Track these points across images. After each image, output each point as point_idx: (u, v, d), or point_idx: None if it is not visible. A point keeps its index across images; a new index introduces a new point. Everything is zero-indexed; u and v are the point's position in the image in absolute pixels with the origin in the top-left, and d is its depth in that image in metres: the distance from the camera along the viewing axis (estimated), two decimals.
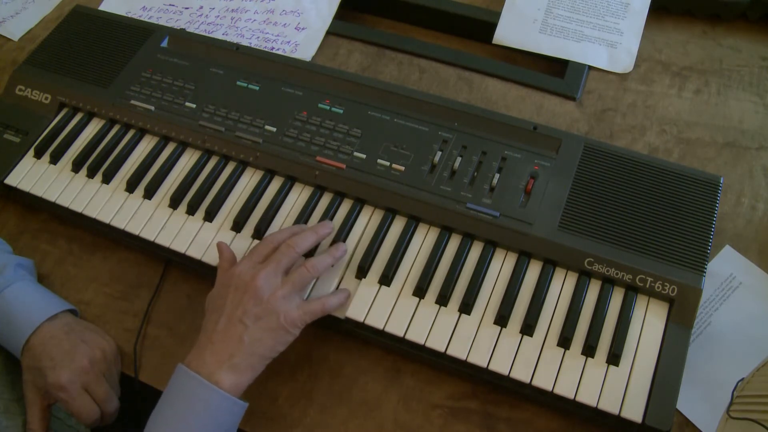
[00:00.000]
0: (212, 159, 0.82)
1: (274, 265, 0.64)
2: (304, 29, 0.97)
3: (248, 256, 0.67)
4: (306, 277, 0.66)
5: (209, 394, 0.59)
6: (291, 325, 0.63)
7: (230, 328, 0.62)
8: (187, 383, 0.60)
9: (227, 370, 0.60)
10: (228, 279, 0.65)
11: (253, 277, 0.63)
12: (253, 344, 0.61)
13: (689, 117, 0.83)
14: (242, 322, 0.61)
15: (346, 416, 0.68)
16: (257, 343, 0.61)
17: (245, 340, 0.61)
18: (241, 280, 0.63)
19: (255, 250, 0.67)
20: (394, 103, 0.80)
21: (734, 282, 0.71)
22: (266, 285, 0.63)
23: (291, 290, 0.64)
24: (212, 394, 0.59)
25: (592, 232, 0.69)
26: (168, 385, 0.62)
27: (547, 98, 0.86)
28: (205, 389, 0.59)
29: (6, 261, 0.75)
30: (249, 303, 0.62)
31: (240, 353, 0.61)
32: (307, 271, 0.66)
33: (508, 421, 0.66)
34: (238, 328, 0.61)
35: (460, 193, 0.72)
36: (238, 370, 0.61)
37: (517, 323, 0.67)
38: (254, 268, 0.64)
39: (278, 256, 0.65)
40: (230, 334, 0.61)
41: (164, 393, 0.62)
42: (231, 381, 0.60)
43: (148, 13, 1.04)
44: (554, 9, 0.92)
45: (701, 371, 0.66)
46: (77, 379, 0.68)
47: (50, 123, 0.88)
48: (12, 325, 0.70)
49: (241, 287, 0.63)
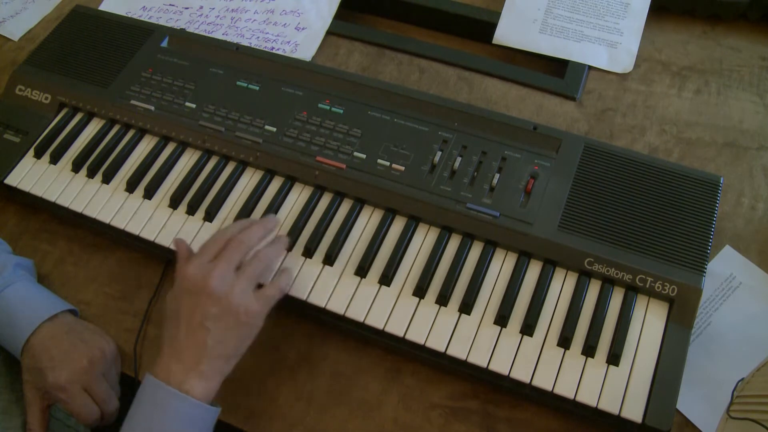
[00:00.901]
0: (212, 159, 0.82)
1: (226, 262, 0.62)
2: (304, 29, 0.97)
3: (198, 254, 0.64)
4: (258, 267, 0.64)
5: (181, 403, 0.58)
6: (253, 317, 0.62)
7: (192, 334, 0.60)
8: (158, 393, 0.59)
9: (196, 377, 0.59)
10: (180, 282, 0.62)
11: (206, 278, 0.60)
12: (218, 347, 0.60)
13: (689, 117, 0.83)
14: (203, 326, 0.60)
15: (346, 416, 0.68)
16: (222, 345, 0.60)
17: (209, 344, 0.60)
18: (193, 282, 0.61)
19: (204, 248, 0.64)
20: (394, 103, 0.80)
21: (734, 282, 0.71)
22: (221, 284, 0.61)
23: (246, 284, 0.62)
24: (184, 403, 0.58)
25: (592, 232, 0.69)
26: (137, 395, 0.60)
27: (547, 98, 0.86)
28: (176, 398, 0.58)
29: (5, 261, 0.75)
30: (206, 305, 0.60)
31: (206, 359, 0.60)
32: (259, 260, 0.64)
33: (508, 421, 0.66)
34: (200, 333, 0.60)
35: (460, 193, 0.72)
36: (206, 377, 0.60)
37: (517, 323, 0.67)
38: (205, 268, 0.62)
39: (228, 253, 0.63)
40: (193, 340, 0.60)
41: (134, 404, 0.60)
42: (201, 388, 0.59)
43: (148, 13, 1.04)
44: (554, 9, 0.92)
45: (701, 371, 0.66)
46: (77, 380, 0.68)
47: (50, 123, 0.88)
48: (11, 325, 0.70)
49: (195, 290, 0.61)
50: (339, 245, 0.72)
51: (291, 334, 0.73)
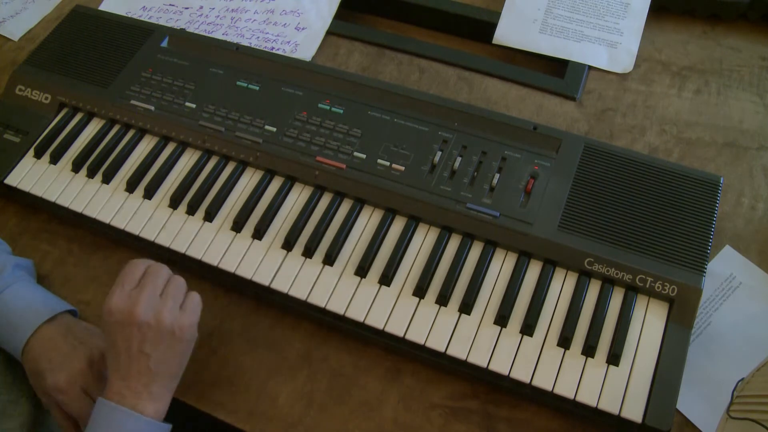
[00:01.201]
0: (212, 159, 0.82)
1: (150, 290, 0.64)
2: (304, 29, 0.97)
3: (118, 283, 0.65)
4: (181, 286, 0.66)
5: (136, 422, 0.60)
6: (187, 332, 0.64)
7: (134, 362, 0.62)
8: (113, 415, 0.61)
9: (147, 399, 0.61)
10: (108, 315, 0.63)
11: (133, 312, 0.62)
12: (162, 367, 0.62)
13: (689, 117, 0.83)
14: (142, 353, 0.62)
15: (346, 416, 0.68)
16: (164, 365, 0.63)
17: (153, 368, 0.62)
18: (121, 315, 0.62)
19: (125, 277, 0.65)
20: (394, 103, 0.80)
21: (734, 282, 0.71)
22: (149, 313, 0.62)
23: (173, 303, 0.64)
24: (138, 422, 0.60)
25: (592, 232, 0.69)
26: (91, 419, 0.62)
27: (547, 98, 0.86)
28: (131, 418, 0.60)
29: (5, 262, 0.74)
30: (140, 334, 0.62)
31: (153, 381, 0.62)
32: (178, 280, 0.66)
33: (508, 421, 0.66)
34: (141, 360, 0.62)
35: (460, 193, 0.72)
36: (156, 397, 0.62)
37: (517, 323, 0.67)
38: (130, 299, 0.63)
39: (152, 279, 0.65)
40: (137, 367, 0.62)
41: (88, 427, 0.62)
42: (152, 408, 0.62)
43: (148, 13, 1.04)
44: (554, 9, 0.93)
45: (701, 371, 0.66)
46: (76, 382, 0.67)
47: (50, 123, 0.88)
48: (11, 327, 0.70)
49: (125, 321, 0.62)
50: (339, 245, 0.72)
51: (291, 334, 0.73)
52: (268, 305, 0.75)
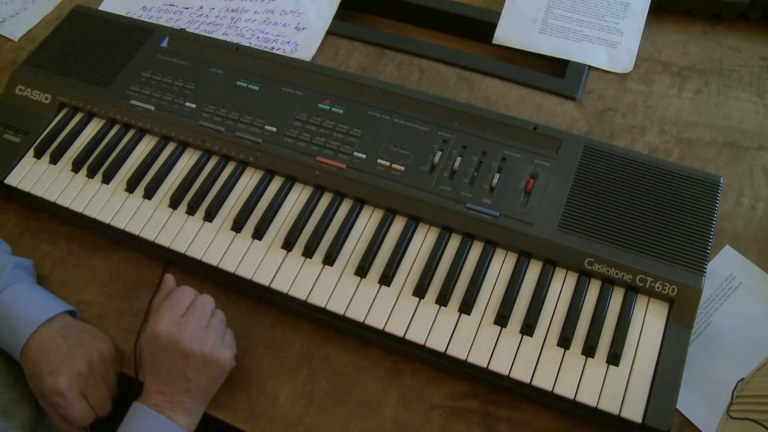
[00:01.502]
0: (212, 159, 0.82)
1: (197, 322, 0.66)
2: (304, 29, 0.97)
3: (168, 308, 0.67)
4: (223, 320, 0.69)
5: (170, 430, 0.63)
6: (227, 365, 0.67)
7: (173, 383, 0.65)
8: (148, 419, 0.64)
9: (181, 413, 0.65)
10: (155, 338, 0.65)
11: (179, 341, 0.64)
12: (198, 391, 0.66)
13: (689, 117, 0.83)
14: (184, 376, 0.64)
15: (346, 416, 0.68)
16: (201, 389, 0.66)
17: (191, 390, 0.65)
18: (168, 341, 0.64)
19: (174, 302, 0.67)
20: (394, 103, 0.80)
21: (734, 282, 0.71)
22: (195, 344, 0.64)
23: (216, 336, 0.66)
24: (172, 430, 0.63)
25: (592, 232, 0.69)
26: (125, 421, 0.64)
27: (547, 98, 0.86)
28: (166, 426, 0.63)
29: (4, 262, 0.74)
30: (184, 363, 0.64)
31: (189, 400, 0.65)
32: (220, 316, 0.69)
33: (508, 421, 0.66)
34: (181, 383, 0.65)
35: (460, 193, 0.72)
36: (190, 413, 0.66)
37: (517, 323, 0.67)
38: (178, 326, 0.65)
39: (199, 311, 0.67)
40: (176, 387, 0.65)
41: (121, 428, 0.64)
42: (186, 422, 0.65)
43: (148, 13, 1.04)
44: (554, 9, 0.92)
45: (701, 371, 0.66)
46: (75, 385, 0.67)
47: (50, 123, 0.88)
48: (10, 328, 0.70)
49: (170, 348, 0.64)
50: (339, 245, 0.72)
51: (291, 334, 0.73)
52: (268, 305, 0.75)
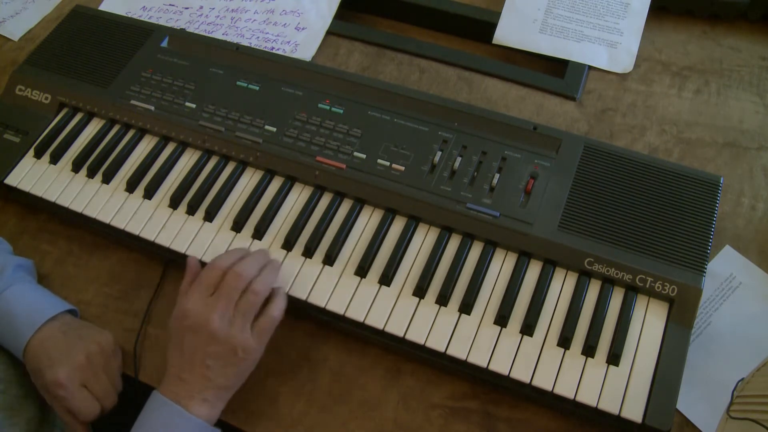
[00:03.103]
0: (212, 159, 0.82)
1: (225, 301, 0.64)
2: (304, 29, 0.97)
3: (197, 287, 0.65)
4: (255, 302, 0.66)
5: (186, 422, 0.61)
6: (251, 353, 0.65)
7: (195, 369, 0.63)
8: (165, 411, 0.62)
9: (199, 403, 0.63)
10: (182, 317, 0.64)
11: (207, 319, 0.63)
12: (220, 380, 0.63)
13: (689, 117, 0.83)
14: (204, 364, 0.63)
15: (346, 416, 0.68)
16: (223, 378, 0.64)
17: (211, 378, 0.63)
18: (195, 320, 0.63)
19: (202, 280, 0.66)
20: (394, 103, 0.80)
21: (734, 282, 0.71)
22: (221, 325, 0.63)
23: (243, 321, 0.64)
24: (189, 422, 0.62)
25: (592, 232, 0.69)
26: (143, 411, 0.63)
27: (547, 98, 0.86)
28: (182, 418, 0.61)
29: (6, 262, 0.74)
30: (207, 345, 0.63)
31: (208, 390, 0.63)
32: (255, 295, 0.66)
33: (508, 421, 0.66)
34: (201, 369, 0.63)
35: (460, 193, 0.72)
36: (209, 404, 0.63)
37: (517, 323, 0.67)
38: (206, 306, 0.64)
39: (227, 290, 0.65)
40: (196, 374, 0.63)
41: (140, 418, 0.63)
42: (205, 412, 0.63)
43: (148, 13, 1.04)
44: (554, 9, 0.92)
45: (701, 371, 0.66)
46: (75, 376, 0.67)
47: (50, 123, 0.88)
48: (12, 327, 0.70)
49: (197, 329, 0.63)
50: (339, 245, 0.72)
51: (291, 334, 0.73)
52: None
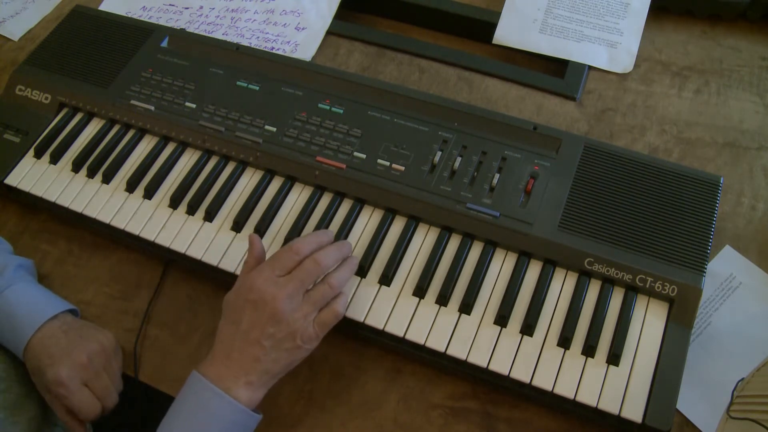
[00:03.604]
0: (212, 159, 0.82)
1: (298, 285, 0.61)
2: (304, 29, 0.97)
3: (270, 264, 0.63)
4: (327, 295, 0.64)
5: (227, 406, 0.59)
6: (308, 342, 0.62)
7: (247, 347, 0.60)
8: (205, 393, 0.59)
9: (243, 386, 0.60)
10: (247, 290, 0.61)
11: (275, 298, 0.60)
12: (269, 364, 0.61)
13: (689, 117, 0.83)
14: (260, 343, 0.60)
15: (346, 416, 0.68)
16: (273, 363, 0.61)
17: (262, 360, 0.60)
18: (261, 296, 0.60)
19: (278, 259, 0.63)
20: (394, 103, 0.80)
21: (734, 282, 0.71)
22: (288, 306, 0.60)
23: (311, 309, 0.62)
24: (229, 406, 0.59)
25: (592, 232, 0.69)
26: (182, 391, 0.61)
27: (547, 98, 0.86)
28: (222, 401, 0.59)
29: (7, 262, 0.74)
30: (267, 324, 0.60)
31: (255, 372, 0.60)
32: (330, 289, 0.64)
33: (508, 421, 0.66)
34: (255, 348, 0.60)
35: (460, 193, 0.72)
36: (252, 387, 0.61)
37: (517, 323, 0.67)
38: (277, 285, 0.61)
39: (303, 275, 0.62)
40: (247, 353, 0.60)
41: (177, 399, 0.61)
42: (246, 396, 0.60)
43: (148, 13, 1.04)
44: (554, 9, 0.92)
45: (701, 371, 0.66)
46: (76, 375, 0.67)
47: (50, 123, 0.88)
48: (13, 326, 0.70)
49: (261, 305, 0.60)
50: None
51: None
52: None
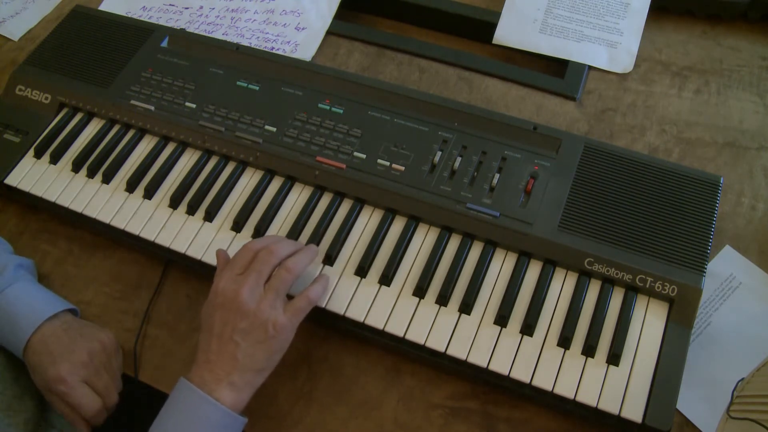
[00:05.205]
0: (212, 159, 0.82)
1: (255, 276, 0.63)
2: (304, 29, 0.97)
3: (229, 266, 0.65)
4: (287, 279, 0.65)
5: (211, 409, 0.60)
6: (281, 331, 0.63)
7: (223, 347, 0.62)
8: (190, 397, 0.61)
9: (226, 388, 0.61)
10: (214, 296, 0.64)
11: (236, 293, 0.62)
12: (248, 360, 0.62)
13: (689, 117, 0.83)
14: (233, 340, 0.61)
15: (346, 416, 0.68)
16: (251, 358, 0.62)
17: (239, 358, 0.61)
18: (224, 296, 0.63)
19: (234, 260, 0.66)
20: (394, 103, 0.80)
21: (734, 282, 0.71)
22: (250, 298, 0.62)
23: (275, 297, 0.63)
24: (214, 409, 0.60)
25: (592, 232, 0.69)
26: (169, 397, 0.62)
27: (547, 98, 0.86)
28: (207, 404, 0.60)
29: (6, 261, 0.75)
30: (236, 320, 0.62)
31: (236, 372, 0.61)
32: (287, 272, 0.65)
33: (508, 421, 0.66)
34: (230, 347, 0.61)
35: (460, 193, 0.72)
36: (236, 388, 0.61)
37: (517, 323, 0.67)
38: (236, 282, 0.63)
39: (258, 266, 0.64)
40: (224, 354, 0.61)
41: (166, 405, 0.62)
42: (231, 398, 0.61)
43: (148, 13, 1.04)
44: (554, 9, 0.92)
45: (701, 371, 0.66)
46: (77, 372, 0.68)
47: (50, 123, 0.88)
48: (13, 325, 0.70)
49: (226, 304, 0.62)
50: (339, 245, 0.72)
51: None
52: None
